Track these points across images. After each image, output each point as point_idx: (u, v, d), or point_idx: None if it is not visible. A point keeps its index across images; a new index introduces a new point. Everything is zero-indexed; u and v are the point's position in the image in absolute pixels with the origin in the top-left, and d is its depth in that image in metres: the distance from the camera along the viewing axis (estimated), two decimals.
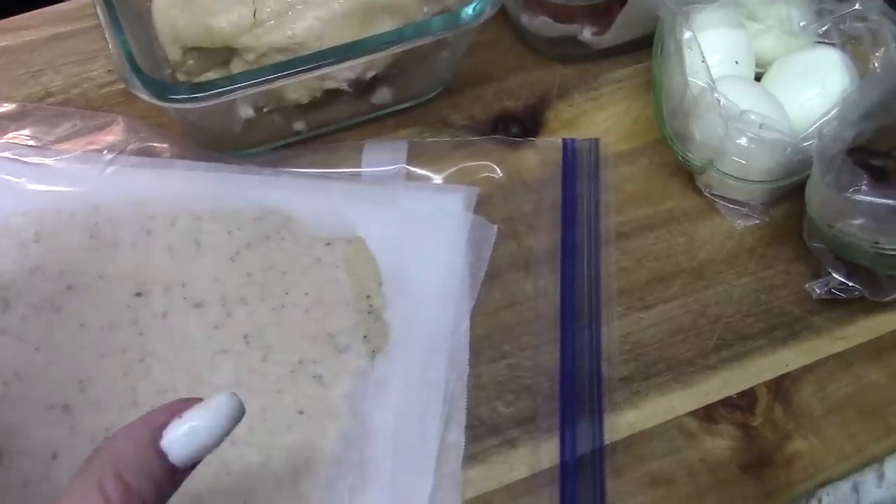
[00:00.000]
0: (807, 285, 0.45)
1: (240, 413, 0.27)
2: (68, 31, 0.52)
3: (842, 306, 0.44)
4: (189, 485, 0.36)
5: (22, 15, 0.52)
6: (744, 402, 0.42)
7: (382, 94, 0.49)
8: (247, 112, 0.46)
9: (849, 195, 0.39)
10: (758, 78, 0.48)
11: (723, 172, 0.45)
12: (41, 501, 0.36)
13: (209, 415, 0.27)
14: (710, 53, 0.44)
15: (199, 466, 0.36)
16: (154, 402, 0.38)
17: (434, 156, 0.48)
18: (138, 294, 0.41)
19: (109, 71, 0.50)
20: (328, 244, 0.43)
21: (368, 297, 0.42)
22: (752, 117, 0.42)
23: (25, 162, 0.45)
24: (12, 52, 0.50)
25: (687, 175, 0.48)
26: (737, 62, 0.46)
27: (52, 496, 0.36)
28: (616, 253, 0.46)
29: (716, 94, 0.42)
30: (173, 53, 0.46)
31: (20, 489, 0.36)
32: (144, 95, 0.41)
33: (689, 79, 0.43)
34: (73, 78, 0.50)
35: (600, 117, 0.50)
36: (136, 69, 0.41)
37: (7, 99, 0.48)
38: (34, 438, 0.37)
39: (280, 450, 0.38)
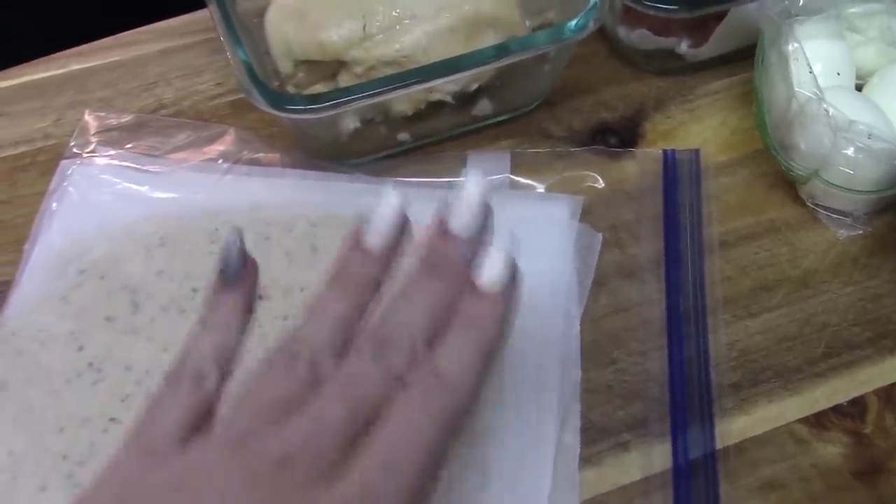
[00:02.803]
0: None
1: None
2: (177, 46, 0.54)
3: None
4: None
5: (134, 30, 0.54)
6: (854, 410, 0.42)
7: (483, 106, 0.50)
8: (354, 123, 0.48)
9: None
10: (858, 89, 0.48)
11: (828, 182, 0.45)
12: None
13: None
14: (812, 64, 0.45)
15: None
16: None
17: (536, 166, 0.48)
18: (259, 297, 0.42)
19: (218, 84, 0.52)
20: None
21: None
22: (861, 127, 0.43)
23: (146, 171, 0.46)
24: (126, 65, 0.52)
25: (787, 185, 0.48)
26: (838, 73, 0.47)
27: None
28: (720, 262, 0.46)
29: (824, 105, 0.43)
30: (285, 66, 0.48)
31: None
32: (263, 106, 0.42)
33: (796, 89, 0.44)
34: (183, 91, 0.52)
35: (697, 129, 0.51)
36: (256, 80, 0.42)
37: (123, 111, 0.50)
38: None
39: None
